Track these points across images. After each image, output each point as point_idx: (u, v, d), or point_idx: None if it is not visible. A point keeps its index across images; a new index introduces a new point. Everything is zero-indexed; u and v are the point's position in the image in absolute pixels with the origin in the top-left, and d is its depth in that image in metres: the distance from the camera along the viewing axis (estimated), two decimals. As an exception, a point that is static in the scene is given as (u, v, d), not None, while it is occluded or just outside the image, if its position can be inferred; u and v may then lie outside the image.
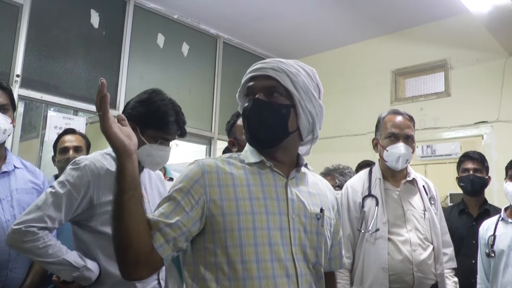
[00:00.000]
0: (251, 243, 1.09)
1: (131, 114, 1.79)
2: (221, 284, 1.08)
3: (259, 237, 1.10)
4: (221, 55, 5.07)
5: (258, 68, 1.21)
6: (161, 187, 2.01)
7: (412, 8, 4.30)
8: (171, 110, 1.79)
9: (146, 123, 1.77)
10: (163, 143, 1.81)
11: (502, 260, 2.46)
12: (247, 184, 1.15)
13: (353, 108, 4.94)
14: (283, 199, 1.17)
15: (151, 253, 1.04)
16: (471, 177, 2.97)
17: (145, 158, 1.78)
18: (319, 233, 1.20)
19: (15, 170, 2.01)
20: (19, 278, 1.90)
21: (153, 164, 1.82)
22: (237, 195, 1.12)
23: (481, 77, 4.24)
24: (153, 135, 1.78)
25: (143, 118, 1.77)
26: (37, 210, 1.61)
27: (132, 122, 1.79)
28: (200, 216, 1.10)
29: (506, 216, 2.56)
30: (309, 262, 1.17)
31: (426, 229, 2.14)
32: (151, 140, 1.78)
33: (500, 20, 3.54)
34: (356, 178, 2.34)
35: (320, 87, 1.27)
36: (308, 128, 1.22)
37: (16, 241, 1.59)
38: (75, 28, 3.85)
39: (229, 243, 1.09)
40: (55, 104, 3.68)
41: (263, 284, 1.07)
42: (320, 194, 1.28)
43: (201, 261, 1.11)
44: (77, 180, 1.67)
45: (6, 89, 1.95)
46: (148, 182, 1.94)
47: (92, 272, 1.66)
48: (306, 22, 4.67)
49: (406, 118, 2.22)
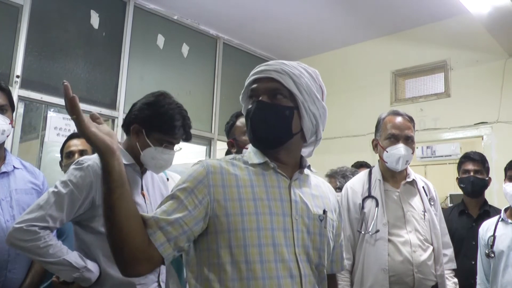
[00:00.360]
0: (255, 244, 1.09)
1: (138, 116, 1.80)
2: (224, 284, 1.07)
3: (263, 237, 1.10)
4: (221, 56, 5.07)
5: (261, 70, 1.21)
6: (163, 189, 2.01)
7: (412, 9, 4.30)
8: (178, 115, 1.80)
9: (152, 126, 1.77)
10: (168, 146, 1.81)
11: (502, 261, 2.46)
12: (251, 185, 1.15)
13: (353, 109, 4.94)
14: (286, 200, 1.17)
15: (148, 249, 1.04)
16: (472, 178, 2.96)
17: (149, 160, 1.79)
18: (322, 234, 1.21)
19: (15, 170, 2.01)
20: (18, 278, 1.89)
21: (157, 167, 1.82)
22: (241, 196, 1.13)
23: (481, 78, 4.24)
24: (158, 138, 1.78)
25: (149, 121, 1.78)
26: (39, 209, 1.61)
27: (138, 124, 1.79)
28: (203, 216, 1.10)
29: (506, 217, 2.56)
30: (312, 263, 1.18)
31: (426, 230, 2.14)
32: (156, 143, 1.78)
33: (500, 21, 3.54)
34: (356, 179, 2.34)
35: (323, 88, 1.27)
36: (311, 129, 1.23)
37: (17, 240, 1.58)
38: (75, 29, 3.85)
39: (233, 243, 1.09)
40: (55, 105, 3.68)
41: (267, 284, 1.08)
42: (323, 196, 1.29)
43: (205, 262, 1.11)
44: (79, 180, 1.67)
45: (5, 90, 1.95)
46: (151, 184, 1.94)
47: (92, 273, 1.66)
48: (306, 23, 4.68)
49: (406, 119, 2.21)
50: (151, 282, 1.77)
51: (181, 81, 4.58)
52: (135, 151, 1.81)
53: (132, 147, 1.82)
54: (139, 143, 1.80)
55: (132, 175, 1.83)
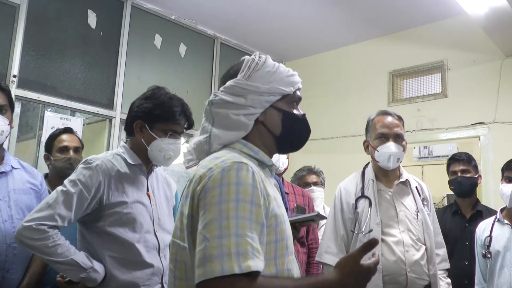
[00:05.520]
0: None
1: (138, 112, 1.83)
2: None
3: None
4: (219, 56, 5.07)
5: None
6: (167, 190, 2.02)
7: (409, 9, 4.31)
8: (176, 101, 1.85)
9: (154, 117, 1.81)
10: (173, 135, 1.84)
11: (498, 261, 2.47)
12: (273, 190, 1.20)
13: (350, 109, 4.94)
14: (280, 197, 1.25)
15: None
16: (459, 178, 2.97)
17: (157, 154, 1.81)
18: None
19: (13, 170, 2.00)
20: (15, 279, 1.89)
21: (166, 159, 1.83)
22: (277, 203, 1.16)
23: (477, 78, 4.25)
24: (162, 128, 1.81)
25: (150, 113, 1.81)
26: (48, 208, 1.62)
27: (140, 119, 1.81)
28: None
29: (502, 217, 2.57)
30: None
31: (419, 230, 2.15)
32: (161, 134, 1.81)
33: (497, 22, 3.55)
34: (349, 180, 2.35)
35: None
36: None
37: (26, 239, 1.59)
38: (72, 29, 3.85)
39: (278, 253, 1.11)
40: (52, 105, 3.68)
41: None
42: None
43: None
44: (88, 180, 1.68)
45: (5, 90, 1.95)
46: (156, 185, 1.94)
47: (98, 273, 1.67)
48: (304, 23, 4.68)
49: (395, 118, 2.24)
50: (155, 283, 1.78)
51: (179, 81, 4.58)
52: (142, 148, 1.83)
53: (138, 145, 1.84)
54: (144, 138, 1.82)
55: (138, 176, 1.85)
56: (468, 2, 3.40)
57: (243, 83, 1.22)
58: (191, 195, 1.10)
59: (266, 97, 1.22)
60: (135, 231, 1.74)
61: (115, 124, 4.01)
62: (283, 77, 1.25)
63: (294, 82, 1.27)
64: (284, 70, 1.26)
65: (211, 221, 1.00)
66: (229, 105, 1.22)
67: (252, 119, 1.22)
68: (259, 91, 1.21)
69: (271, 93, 1.22)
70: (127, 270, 1.71)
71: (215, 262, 0.95)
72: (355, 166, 2.45)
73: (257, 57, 1.26)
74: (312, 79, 5.08)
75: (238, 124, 1.21)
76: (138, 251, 1.73)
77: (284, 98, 1.25)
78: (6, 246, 1.84)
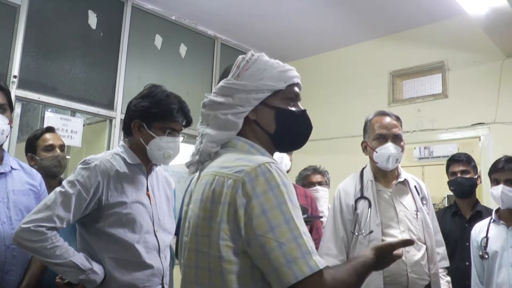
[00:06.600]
0: None
1: (135, 111, 1.81)
2: None
3: None
4: (219, 56, 5.06)
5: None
6: (168, 190, 2.01)
7: (410, 10, 4.30)
8: (174, 99, 1.83)
9: (151, 116, 1.79)
10: (172, 133, 1.82)
11: (496, 261, 2.48)
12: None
13: (351, 109, 4.93)
14: None
15: None
16: (459, 179, 2.97)
17: (157, 153, 1.79)
18: None
19: (12, 171, 2.00)
20: (15, 280, 1.89)
21: (165, 157, 1.82)
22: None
23: (478, 78, 4.24)
24: (160, 127, 1.80)
25: (147, 111, 1.79)
26: (46, 210, 1.61)
27: (138, 119, 1.80)
28: None
29: (497, 218, 2.58)
30: None
31: (419, 230, 2.15)
32: (159, 132, 1.79)
33: (497, 22, 3.55)
34: (348, 181, 2.35)
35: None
36: None
37: (24, 240, 1.58)
38: (73, 29, 3.85)
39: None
40: (53, 105, 3.68)
41: None
42: None
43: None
44: (87, 180, 1.67)
45: (4, 90, 1.94)
46: (156, 185, 1.93)
47: (97, 275, 1.66)
48: (304, 24, 4.68)
49: (392, 118, 2.24)
50: (155, 284, 1.77)
51: (179, 81, 4.58)
52: (141, 148, 1.82)
53: (136, 145, 1.83)
54: (143, 137, 1.81)
55: (137, 176, 1.83)
56: (469, 3, 3.39)
57: (231, 83, 1.21)
58: (228, 202, 1.06)
59: (254, 94, 1.20)
60: (135, 231, 1.73)
61: (116, 124, 4.01)
62: (274, 73, 1.22)
63: (287, 77, 1.24)
64: (276, 66, 1.24)
65: (279, 225, 1.01)
66: (219, 106, 1.21)
67: (241, 118, 1.20)
68: (247, 89, 1.20)
69: (259, 90, 1.20)
70: (126, 271, 1.70)
71: (300, 263, 0.99)
72: (356, 167, 2.44)
73: (248, 55, 1.24)
74: (312, 79, 5.08)
75: (227, 123, 1.20)
76: (137, 252, 1.72)
77: (276, 94, 1.22)
78: (5, 247, 1.84)
